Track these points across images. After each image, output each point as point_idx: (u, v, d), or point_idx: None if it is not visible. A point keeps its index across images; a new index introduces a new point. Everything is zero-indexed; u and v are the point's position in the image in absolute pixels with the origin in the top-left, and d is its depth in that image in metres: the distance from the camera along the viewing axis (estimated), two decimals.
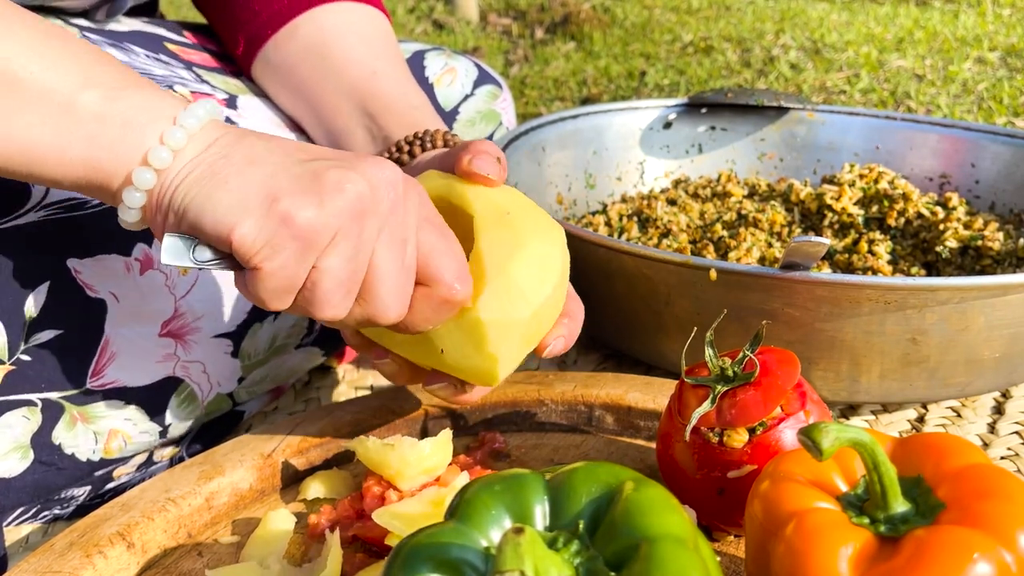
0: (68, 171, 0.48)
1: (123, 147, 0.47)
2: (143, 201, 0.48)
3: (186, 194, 0.47)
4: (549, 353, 0.59)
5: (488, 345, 0.54)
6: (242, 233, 0.45)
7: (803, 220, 0.96)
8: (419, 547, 0.37)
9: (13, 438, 0.60)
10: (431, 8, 3.10)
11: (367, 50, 0.74)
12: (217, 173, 0.47)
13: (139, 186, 0.47)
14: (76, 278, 0.61)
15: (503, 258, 0.54)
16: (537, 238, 0.56)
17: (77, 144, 0.47)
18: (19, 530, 0.67)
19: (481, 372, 0.55)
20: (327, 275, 0.47)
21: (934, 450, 0.43)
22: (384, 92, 0.71)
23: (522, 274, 0.54)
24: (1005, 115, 1.65)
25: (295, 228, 0.46)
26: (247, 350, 0.71)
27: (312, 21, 0.74)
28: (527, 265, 0.55)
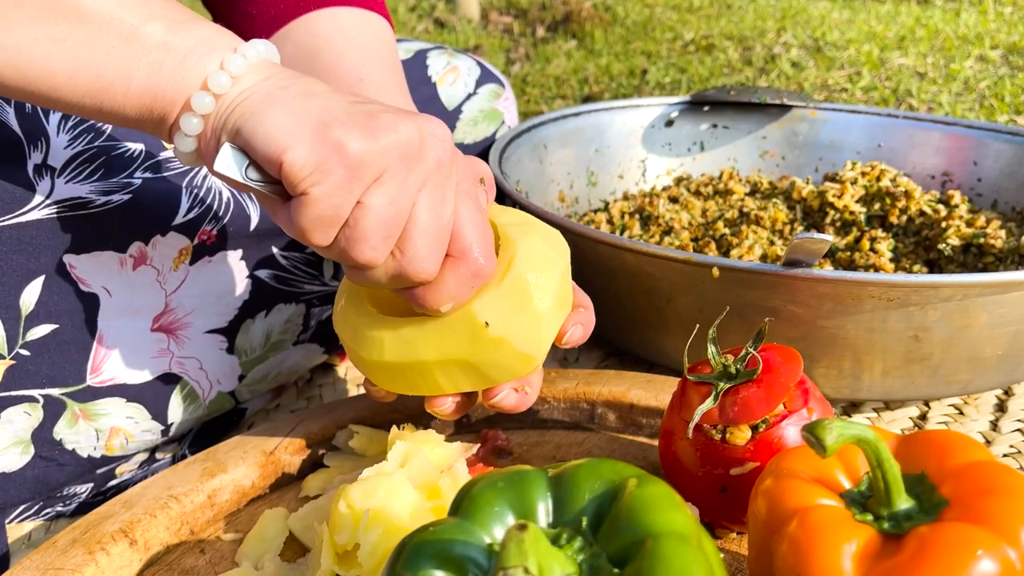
0: (133, 100, 0.48)
1: (184, 74, 0.48)
2: (200, 128, 0.48)
3: (242, 115, 0.47)
4: (568, 341, 0.58)
5: (532, 302, 0.53)
6: (293, 156, 0.46)
7: (805, 218, 0.96)
8: (423, 544, 0.37)
9: (14, 433, 0.60)
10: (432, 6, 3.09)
11: (355, 56, 0.73)
12: (274, 99, 0.48)
13: (197, 110, 0.48)
14: (71, 272, 0.61)
15: (522, 232, 0.55)
16: (540, 223, 0.58)
17: (142, 71, 0.48)
18: (22, 527, 0.67)
19: (527, 337, 0.54)
20: (371, 212, 0.47)
21: (937, 447, 0.42)
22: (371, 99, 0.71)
23: (544, 242, 0.55)
24: (1007, 113, 1.65)
25: (346, 157, 0.46)
26: (242, 346, 0.71)
27: (304, 26, 0.74)
28: (544, 238, 0.56)
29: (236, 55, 0.48)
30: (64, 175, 0.60)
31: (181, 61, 0.48)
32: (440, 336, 0.53)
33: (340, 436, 0.66)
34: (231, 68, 0.48)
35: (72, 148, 0.63)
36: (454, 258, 0.51)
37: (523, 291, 0.53)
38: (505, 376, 0.55)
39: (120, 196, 0.62)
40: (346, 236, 0.48)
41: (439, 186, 0.49)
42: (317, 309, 0.76)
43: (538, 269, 0.54)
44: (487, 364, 0.54)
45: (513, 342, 0.53)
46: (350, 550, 0.51)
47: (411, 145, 0.48)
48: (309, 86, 0.49)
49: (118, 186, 0.62)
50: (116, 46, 0.47)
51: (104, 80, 0.47)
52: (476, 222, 0.52)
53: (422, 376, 0.55)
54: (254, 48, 0.49)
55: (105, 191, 0.61)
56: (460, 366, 0.54)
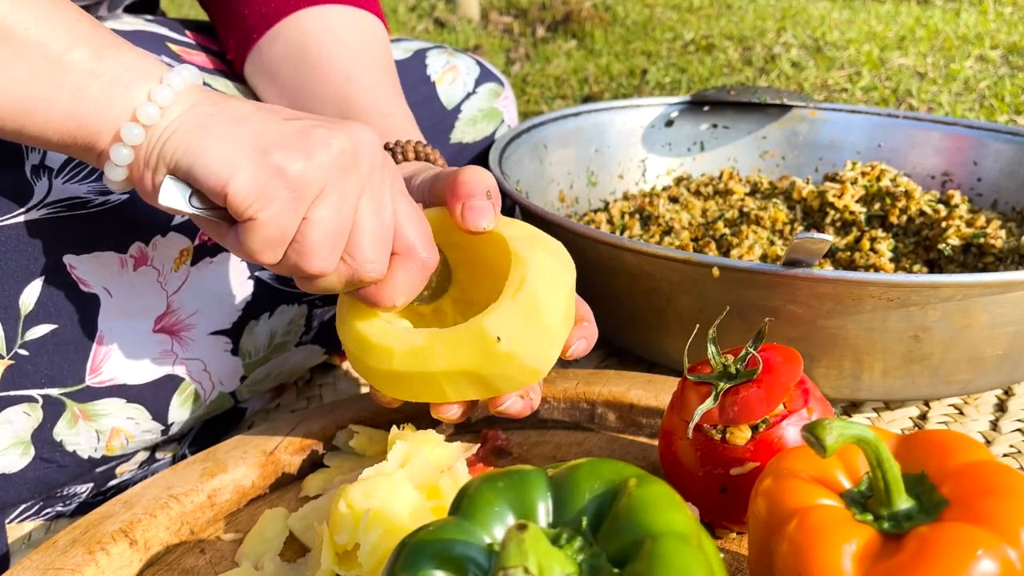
0: (56, 126, 0.49)
1: (112, 103, 0.49)
2: (130, 158, 0.49)
3: (177, 146, 0.48)
4: (573, 354, 0.60)
5: (542, 318, 0.54)
6: (236, 186, 0.47)
7: (805, 218, 0.96)
8: (422, 544, 0.37)
9: (14, 434, 0.60)
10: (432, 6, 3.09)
11: (346, 54, 0.73)
12: (206, 127, 0.48)
13: (127, 141, 0.49)
14: (71, 273, 0.61)
15: (531, 247, 0.56)
16: (546, 236, 0.58)
17: (65, 98, 0.48)
18: (22, 527, 0.67)
19: (535, 352, 0.55)
20: (317, 226, 0.49)
21: (937, 447, 0.42)
22: (358, 98, 0.71)
23: (553, 258, 0.56)
24: (1007, 113, 1.65)
25: (287, 179, 0.47)
26: (246, 348, 0.71)
27: (295, 25, 0.74)
28: (552, 254, 0.57)
29: (163, 85, 0.49)
30: (62, 175, 0.60)
31: (107, 90, 0.49)
32: (450, 348, 0.54)
33: (340, 436, 0.66)
34: (159, 98, 0.49)
35: None
36: (400, 255, 0.53)
37: (534, 307, 0.54)
38: (511, 387, 0.57)
39: (118, 196, 0.62)
40: (296, 251, 0.50)
41: (376, 190, 0.51)
42: (319, 310, 0.76)
43: (548, 285, 0.55)
44: (495, 376, 0.55)
45: (522, 357, 0.54)
46: (350, 550, 0.51)
47: (346, 156, 0.49)
48: (237, 109, 0.50)
49: None
50: (40, 70, 0.48)
51: (26, 104, 0.48)
52: (414, 219, 0.54)
53: (428, 386, 0.56)
54: (179, 75, 0.50)
55: (103, 191, 0.61)
56: (468, 377, 0.55)
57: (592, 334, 0.61)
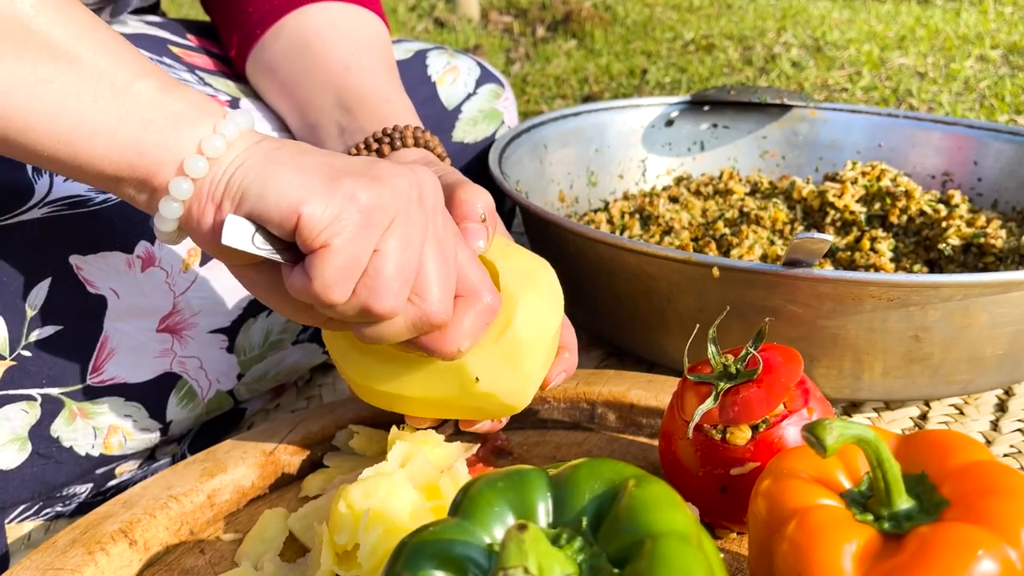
0: (113, 154, 0.47)
1: (177, 136, 0.47)
2: (189, 193, 0.48)
3: (244, 177, 0.47)
4: (553, 386, 0.61)
5: (523, 364, 0.55)
6: (311, 209, 0.45)
7: (805, 218, 0.96)
8: (422, 544, 0.37)
9: (11, 430, 0.60)
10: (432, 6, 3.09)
11: (345, 45, 0.74)
12: (272, 159, 0.48)
13: (191, 174, 0.47)
14: (77, 274, 0.61)
15: (522, 287, 0.56)
16: (542, 267, 0.59)
17: (129, 126, 0.47)
18: (21, 527, 0.67)
19: (513, 393, 0.56)
20: (389, 257, 0.47)
21: (938, 447, 0.42)
22: (357, 86, 0.71)
23: (543, 300, 0.57)
24: (1007, 113, 1.65)
25: (360, 204, 0.46)
26: (242, 345, 0.71)
27: (297, 19, 0.75)
28: (543, 295, 0.57)
29: (227, 120, 0.48)
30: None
31: (173, 122, 0.48)
32: (429, 379, 0.56)
33: (340, 436, 0.66)
34: (225, 132, 0.48)
35: None
36: (465, 298, 0.52)
37: (516, 353, 0.55)
38: (485, 416, 0.59)
39: None
40: (367, 287, 0.47)
41: (439, 229, 0.50)
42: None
43: (533, 330, 0.55)
44: (471, 409, 0.57)
45: (500, 396, 0.56)
46: (350, 550, 0.51)
47: (413, 191, 0.48)
48: (301, 146, 0.50)
49: None
50: (105, 96, 0.47)
51: (86, 129, 0.47)
52: (475, 261, 0.53)
53: (405, 404, 0.58)
54: (242, 116, 0.49)
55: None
56: (444, 405, 0.57)
57: (572, 365, 0.62)
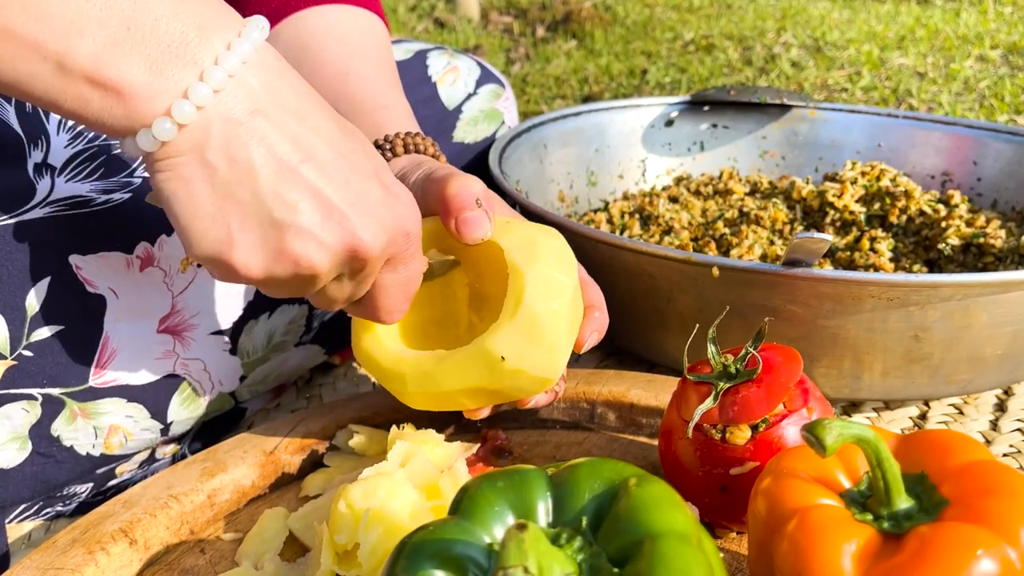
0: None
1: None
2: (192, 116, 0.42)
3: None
4: (588, 347, 0.60)
5: (545, 335, 0.55)
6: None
7: (805, 218, 0.96)
8: (422, 543, 0.37)
9: (11, 429, 0.60)
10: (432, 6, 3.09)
11: (344, 51, 0.73)
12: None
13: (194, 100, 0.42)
14: (77, 274, 0.61)
15: (528, 259, 0.56)
16: (545, 235, 0.58)
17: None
18: (21, 527, 0.67)
19: (542, 367, 0.56)
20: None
21: (937, 447, 0.42)
22: (354, 93, 0.71)
23: (551, 267, 0.56)
24: (1007, 113, 1.65)
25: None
26: (245, 347, 0.71)
27: (295, 24, 0.74)
28: (551, 262, 0.56)
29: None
30: (64, 174, 0.60)
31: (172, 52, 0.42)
32: (459, 369, 0.56)
33: (340, 436, 0.66)
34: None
35: (72, 147, 0.63)
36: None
37: (535, 324, 0.54)
38: (525, 395, 0.58)
39: (121, 195, 0.62)
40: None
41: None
42: (319, 311, 0.76)
43: (548, 299, 0.55)
44: (508, 389, 0.57)
45: (530, 371, 0.55)
46: (350, 550, 0.51)
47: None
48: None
49: (118, 185, 0.62)
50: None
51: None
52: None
53: (448, 400, 0.58)
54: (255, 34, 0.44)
55: (106, 190, 0.61)
56: (482, 392, 0.57)
57: (603, 323, 0.61)
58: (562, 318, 0.56)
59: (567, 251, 0.59)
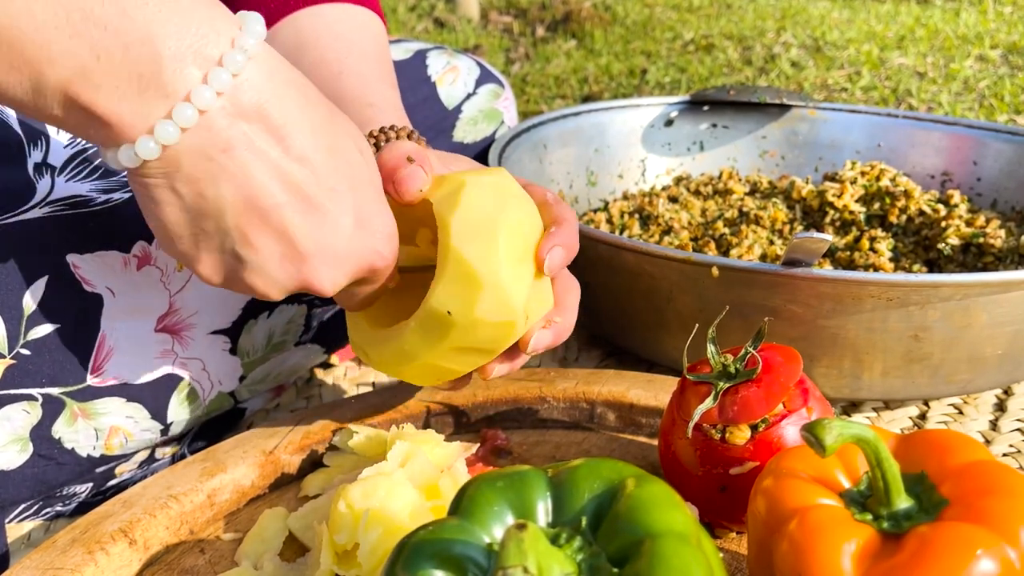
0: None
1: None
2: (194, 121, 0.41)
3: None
4: (553, 265, 0.55)
5: (481, 275, 0.51)
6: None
7: (805, 217, 0.96)
8: (422, 543, 0.37)
9: (12, 431, 0.60)
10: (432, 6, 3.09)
11: (339, 49, 0.73)
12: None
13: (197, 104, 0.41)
14: (75, 273, 0.61)
15: (450, 205, 0.53)
16: (478, 175, 0.55)
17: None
18: (21, 527, 0.67)
19: (493, 310, 0.52)
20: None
21: (937, 447, 0.42)
22: (346, 91, 0.70)
23: (477, 206, 0.53)
24: (1007, 113, 1.65)
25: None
26: (244, 347, 0.71)
27: (293, 24, 0.74)
28: (477, 199, 0.53)
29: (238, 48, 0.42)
30: (64, 174, 0.60)
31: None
32: (422, 337, 0.54)
33: (340, 436, 0.66)
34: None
35: (72, 147, 0.62)
36: None
37: (465, 269, 0.51)
38: (505, 342, 0.54)
39: (120, 195, 0.62)
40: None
41: None
42: (319, 310, 0.76)
43: (475, 239, 0.52)
44: (479, 342, 0.53)
45: (484, 317, 0.52)
46: (350, 550, 0.51)
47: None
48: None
49: (118, 184, 0.62)
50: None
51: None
52: None
53: (436, 370, 0.56)
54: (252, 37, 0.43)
55: (105, 189, 0.61)
56: (458, 352, 0.54)
57: (567, 237, 0.56)
58: (498, 254, 0.52)
59: (504, 184, 0.55)
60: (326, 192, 0.47)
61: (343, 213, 0.48)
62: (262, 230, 0.46)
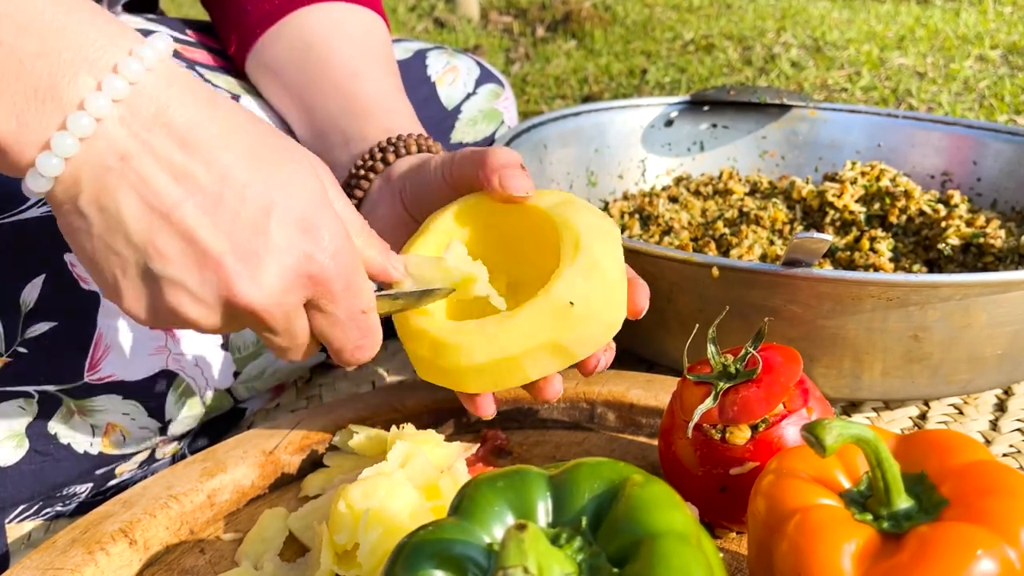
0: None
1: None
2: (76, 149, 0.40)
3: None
4: (640, 312, 0.58)
5: (606, 273, 0.54)
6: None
7: (805, 218, 0.96)
8: (422, 544, 0.37)
9: (8, 427, 0.60)
10: (432, 6, 3.09)
11: (351, 51, 0.74)
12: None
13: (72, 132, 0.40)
14: (71, 271, 0.61)
15: (571, 210, 0.57)
16: (577, 197, 0.59)
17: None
18: (21, 527, 0.67)
19: (609, 308, 0.55)
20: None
21: (937, 447, 0.42)
22: (364, 94, 0.71)
23: (595, 216, 0.57)
24: (1007, 113, 1.65)
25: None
26: (236, 342, 0.71)
27: (299, 20, 0.74)
28: (592, 211, 0.57)
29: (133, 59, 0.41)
30: None
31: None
32: (526, 326, 0.53)
33: (340, 436, 0.66)
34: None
35: None
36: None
37: (595, 266, 0.54)
38: (589, 349, 0.56)
39: None
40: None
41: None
42: None
43: (602, 242, 0.55)
44: (574, 342, 0.54)
45: (598, 314, 0.54)
46: (350, 550, 0.51)
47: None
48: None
49: None
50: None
51: None
52: None
53: (509, 370, 0.55)
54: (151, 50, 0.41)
55: None
56: (548, 350, 0.54)
57: (646, 289, 0.59)
58: (617, 259, 0.55)
59: (601, 211, 0.59)
60: (236, 189, 0.43)
61: (264, 211, 0.43)
62: (167, 233, 0.42)
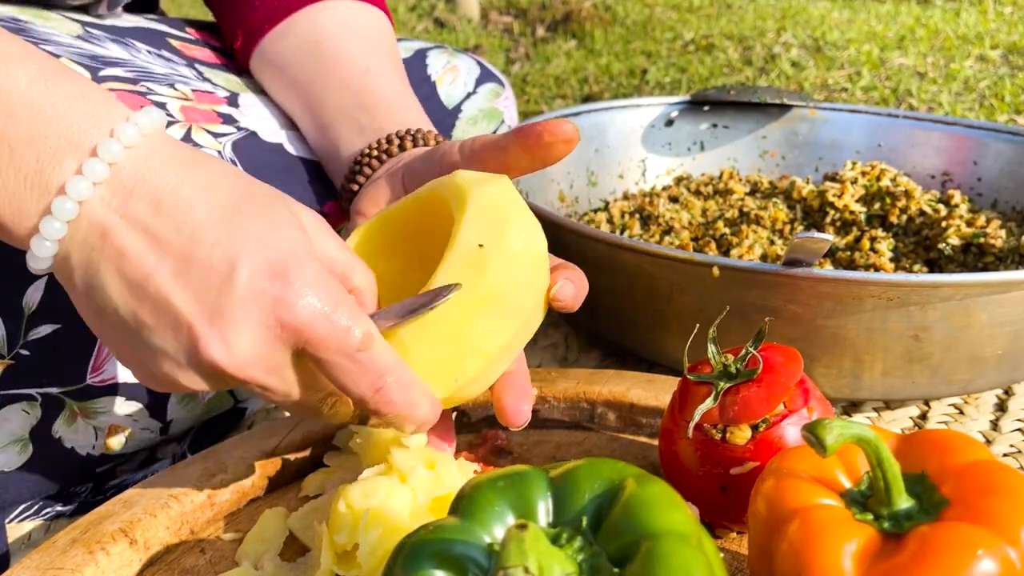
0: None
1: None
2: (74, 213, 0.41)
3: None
4: (559, 294, 0.52)
5: (509, 207, 0.50)
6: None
7: (805, 217, 0.96)
8: (422, 544, 0.37)
9: (11, 431, 0.60)
10: (432, 6, 3.09)
11: (363, 47, 0.74)
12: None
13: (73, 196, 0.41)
14: None
15: (478, 176, 0.52)
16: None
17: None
18: (21, 527, 0.67)
19: (527, 237, 0.51)
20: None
21: (938, 446, 0.42)
22: (378, 88, 0.71)
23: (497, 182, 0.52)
24: (1007, 113, 1.65)
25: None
26: None
27: (308, 17, 0.74)
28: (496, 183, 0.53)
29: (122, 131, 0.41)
30: None
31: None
32: (457, 277, 0.49)
33: (340, 436, 0.66)
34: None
35: None
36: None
37: (489, 204, 0.50)
38: (531, 299, 0.51)
39: None
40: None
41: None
42: None
43: (490, 183, 0.51)
44: (514, 288, 0.50)
45: (515, 246, 0.50)
46: (350, 550, 0.51)
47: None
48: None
49: None
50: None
51: None
52: None
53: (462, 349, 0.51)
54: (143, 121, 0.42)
55: None
56: (490, 313, 0.50)
57: (580, 282, 0.55)
58: (512, 191, 0.52)
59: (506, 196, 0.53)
60: (205, 248, 0.41)
61: (228, 266, 0.41)
62: (147, 306, 0.41)
